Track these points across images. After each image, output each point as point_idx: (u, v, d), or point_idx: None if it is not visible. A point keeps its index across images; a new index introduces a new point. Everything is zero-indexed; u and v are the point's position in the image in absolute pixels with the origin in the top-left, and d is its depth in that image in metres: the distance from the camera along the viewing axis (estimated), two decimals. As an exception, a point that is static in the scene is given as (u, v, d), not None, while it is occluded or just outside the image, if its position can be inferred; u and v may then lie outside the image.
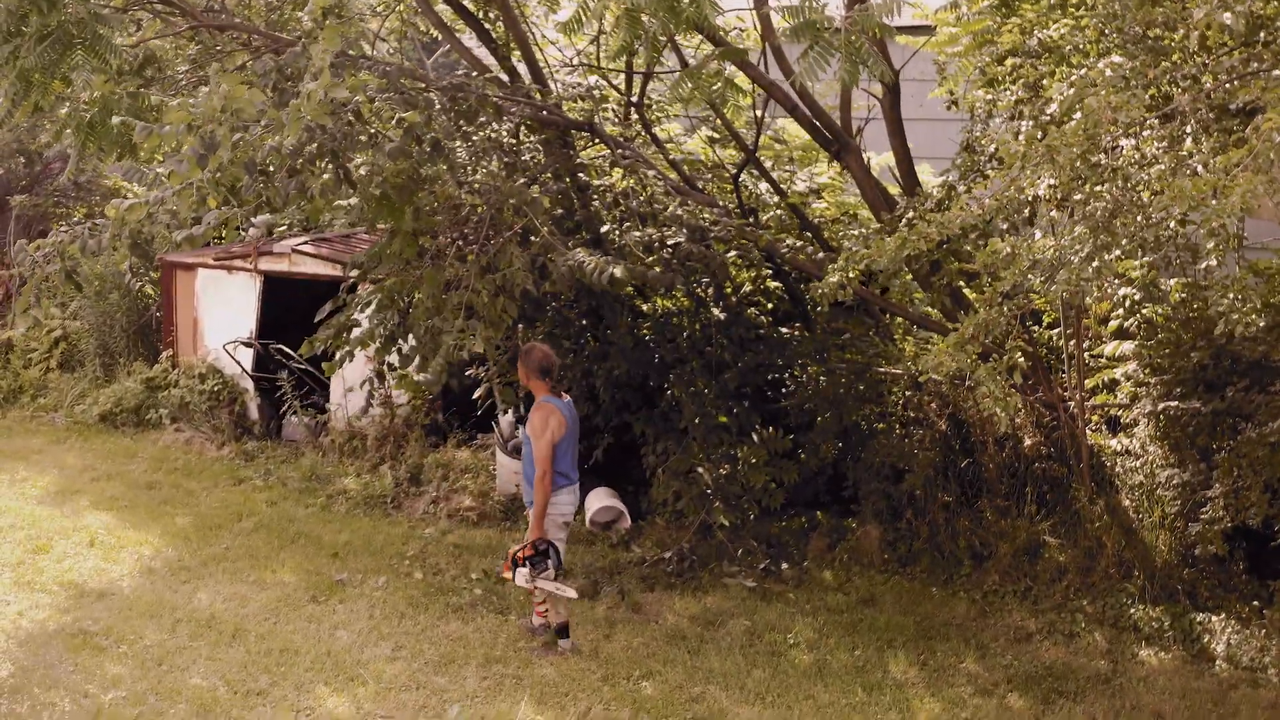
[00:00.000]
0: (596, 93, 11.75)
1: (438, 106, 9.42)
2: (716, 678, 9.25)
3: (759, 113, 11.95)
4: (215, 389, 14.76)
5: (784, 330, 12.47)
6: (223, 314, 15.07)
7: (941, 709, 8.92)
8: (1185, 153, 6.98)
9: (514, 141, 10.62)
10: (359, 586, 10.70)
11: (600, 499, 10.68)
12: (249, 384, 14.87)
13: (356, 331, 10.13)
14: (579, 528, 10.99)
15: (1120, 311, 11.46)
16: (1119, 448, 11.27)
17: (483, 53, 12.00)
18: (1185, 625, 10.11)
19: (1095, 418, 11.67)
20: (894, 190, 11.46)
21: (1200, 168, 6.74)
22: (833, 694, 9.07)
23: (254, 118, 7.87)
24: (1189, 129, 6.99)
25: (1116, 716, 8.88)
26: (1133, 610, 10.32)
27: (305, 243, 14.55)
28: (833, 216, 12.96)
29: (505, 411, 12.21)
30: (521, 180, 9.83)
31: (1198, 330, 10.59)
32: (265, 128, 7.93)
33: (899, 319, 12.48)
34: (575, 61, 12.20)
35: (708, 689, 9.07)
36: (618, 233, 10.79)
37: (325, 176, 8.65)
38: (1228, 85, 6.93)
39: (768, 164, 12.39)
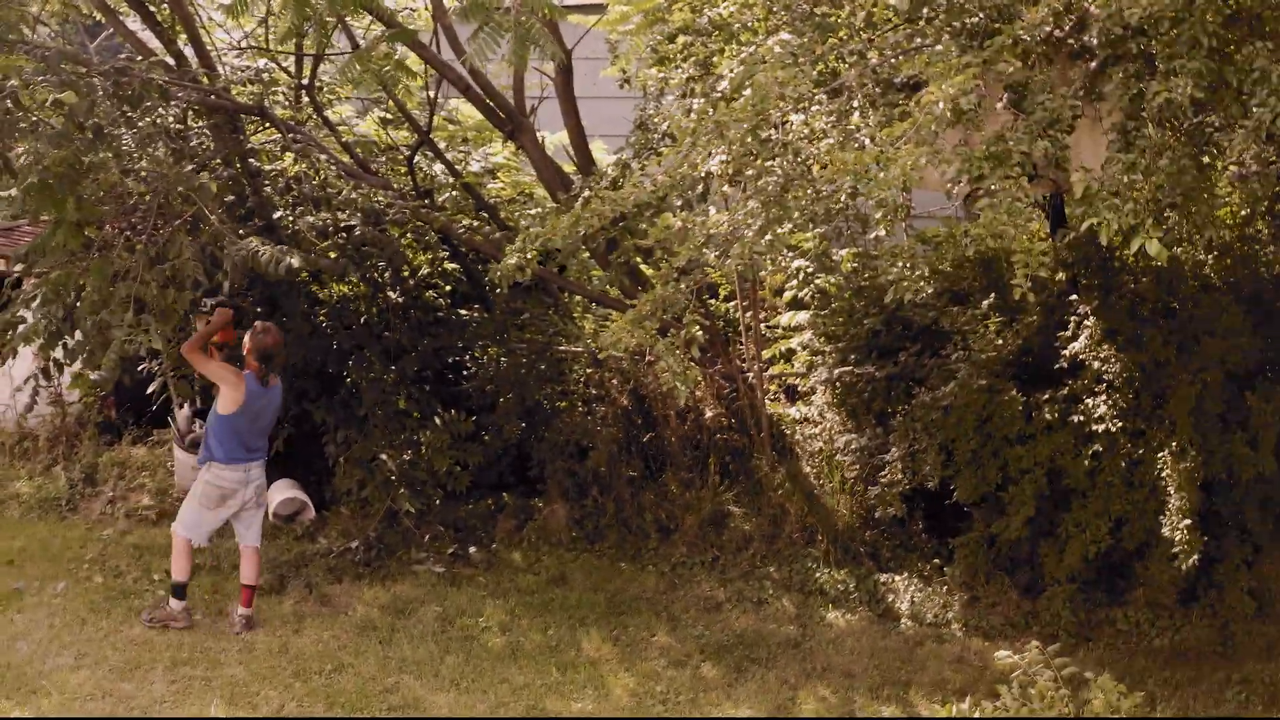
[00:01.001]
0: (266, 75, 11.37)
1: (100, 92, 8.98)
2: (410, 666, 9.12)
3: (432, 94, 11.78)
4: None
5: (462, 312, 12.35)
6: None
7: (636, 683, 8.98)
8: (853, 127, 7.11)
9: (180, 127, 10.22)
10: (37, 594, 10.18)
11: (282, 490, 10.42)
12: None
13: (21, 328, 9.61)
14: (265, 523, 10.70)
15: (794, 283, 11.72)
16: (798, 416, 11.54)
17: (148, 36, 11.50)
18: (870, 586, 10.42)
19: (773, 387, 11.93)
20: (570, 169, 11.42)
21: (868, 141, 6.89)
22: (527, 675, 9.04)
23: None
24: (856, 103, 7.11)
25: (807, 679, 9.09)
26: (818, 574, 10.59)
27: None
28: (509, 196, 12.89)
29: (181, 406, 11.78)
30: (190, 167, 9.47)
31: (870, 298, 10.89)
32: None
33: (578, 297, 12.50)
34: (244, 45, 11.78)
35: (401, 678, 8.94)
36: (290, 219, 10.50)
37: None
38: (892, 60, 7.09)
39: (442, 145, 12.22)
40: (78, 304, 9.43)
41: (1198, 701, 8.98)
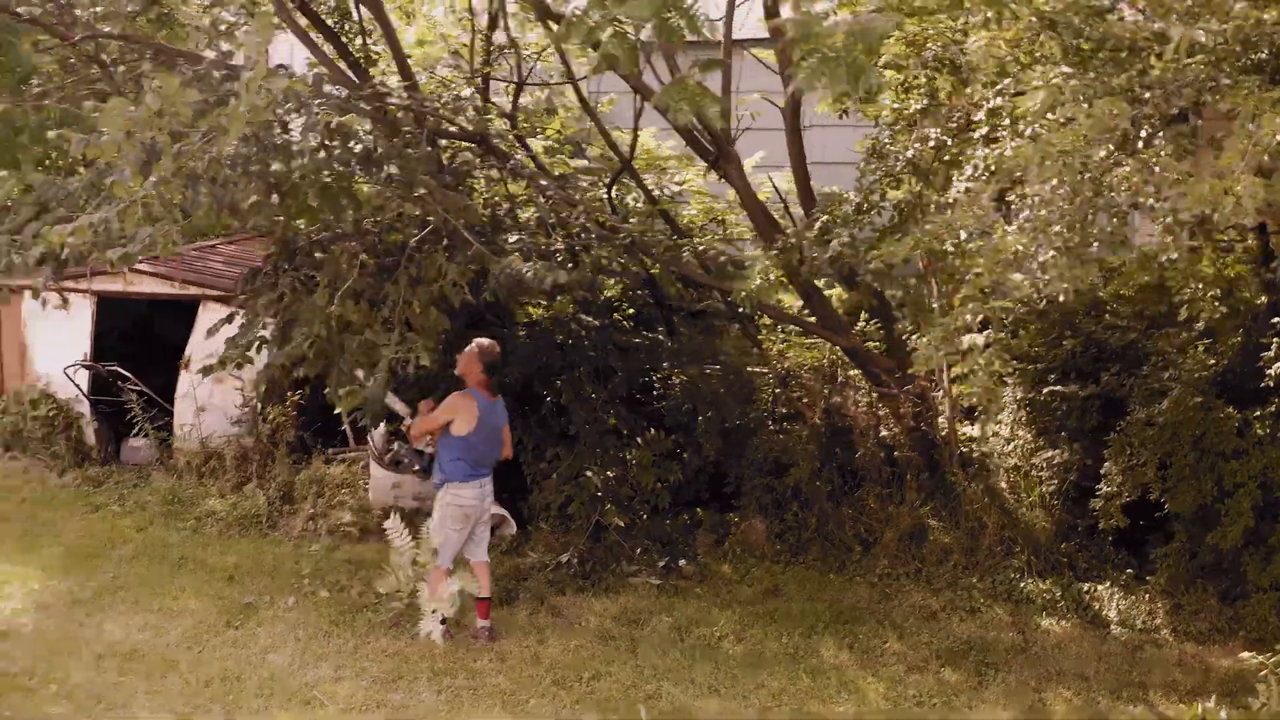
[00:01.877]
0: (471, 104, 11.73)
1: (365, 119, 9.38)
2: (664, 674, 9.45)
3: (632, 123, 12.18)
4: (50, 414, 14.20)
5: (646, 334, 12.74)
6: (53, 337, 14.51)
7: (886, 688, 9.32)
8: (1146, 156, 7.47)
9: (435, 152, 10.60)
10: (270, 609, 10.53)
11: None
12: (85, 408, 14.34)
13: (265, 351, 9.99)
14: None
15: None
16: (979, 433, 11.91)
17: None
18: (1075, 594, 10.78)
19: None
20: (763, 196, 11.82)
21: (1157, 168, 7.26)
22: (780, 681, 9.38)
23: (189, 121, 7.68)
24: (1148, 132, 7.49)
25: (1047, 682, 9.44)
26: (1023, 584, 10.95)
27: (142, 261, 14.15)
28: (700, 223, 13.27)
29: (376, 426, 12.14)
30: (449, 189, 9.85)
31: (1065, 321, 11.29)
32: (204, 136, 7.79)
33: (764, 320, 12.89)
34: (446, 69, 12.21)
35: (661, 685, 9.26)
36: (525, 239, 10.86)
37: (253, 192, 8.54)
38: (1185, 91, 7.47)
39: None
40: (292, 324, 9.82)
41: None
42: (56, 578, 11.04)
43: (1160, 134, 7.57)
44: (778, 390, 12.39)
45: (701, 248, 11.42)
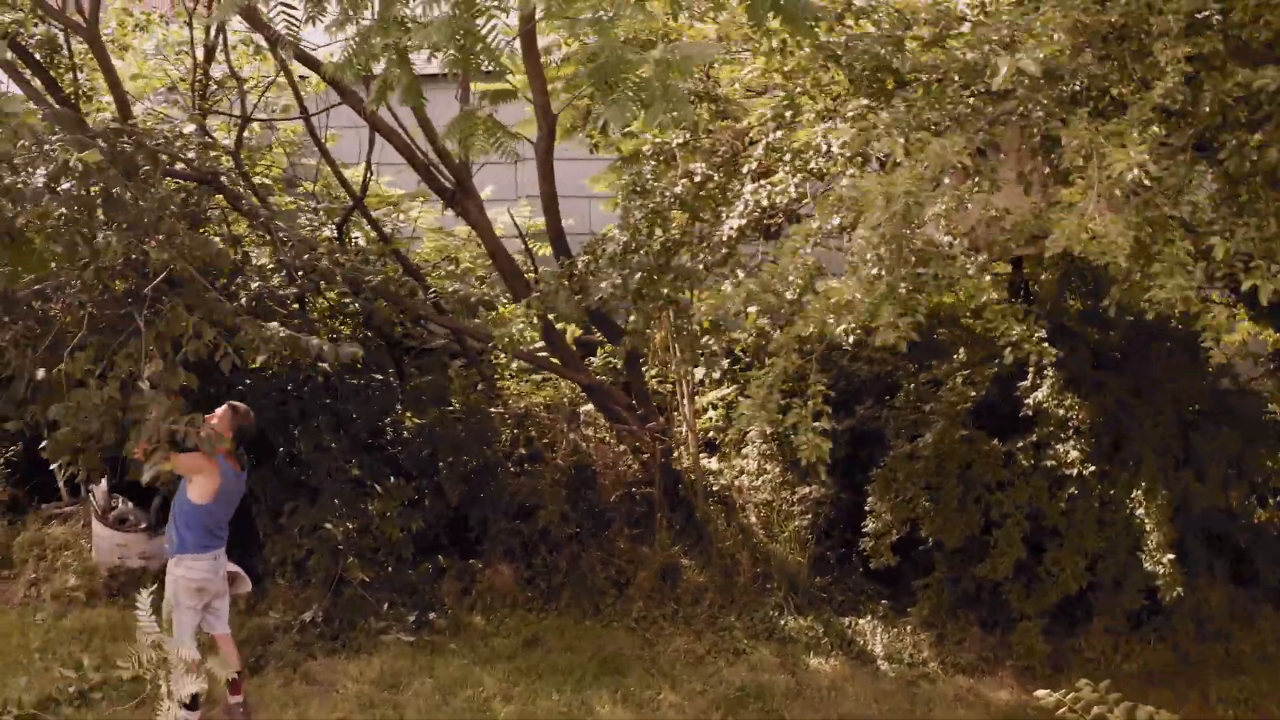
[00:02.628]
0: (199, 140, 11.02)
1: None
2: (436, 743, 9.04)
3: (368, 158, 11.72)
4: None
5: (377, 376, 12.24)
6: None
7: (670, 743, 9.12)
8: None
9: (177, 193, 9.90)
10: (1, 691, 9.55)
11: None
12: None
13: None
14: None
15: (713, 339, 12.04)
16: (738, 469, 11.85)
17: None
18: (838, 630, 10.79)
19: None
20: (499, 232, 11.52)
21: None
22: (561, 744, 9.07)
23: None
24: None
25: (836, 727, 9.40)
26: (783, 621, 10.89)
27: None
28: (433, 260, 12.83)
29: (98, 481, 11.31)
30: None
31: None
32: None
33: (500, 359, 12.58)
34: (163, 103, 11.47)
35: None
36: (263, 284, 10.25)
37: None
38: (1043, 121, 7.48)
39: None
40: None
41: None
42: None
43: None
44: (515, 431, 12.06)
45: (433, 291, 11.08)
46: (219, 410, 9.43)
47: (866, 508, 10.53)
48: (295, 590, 11.10)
